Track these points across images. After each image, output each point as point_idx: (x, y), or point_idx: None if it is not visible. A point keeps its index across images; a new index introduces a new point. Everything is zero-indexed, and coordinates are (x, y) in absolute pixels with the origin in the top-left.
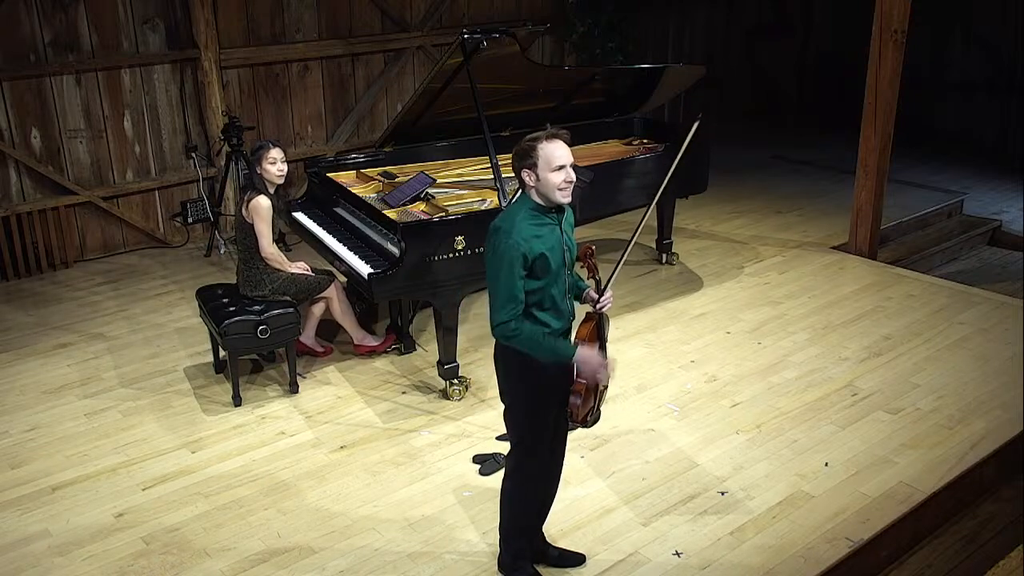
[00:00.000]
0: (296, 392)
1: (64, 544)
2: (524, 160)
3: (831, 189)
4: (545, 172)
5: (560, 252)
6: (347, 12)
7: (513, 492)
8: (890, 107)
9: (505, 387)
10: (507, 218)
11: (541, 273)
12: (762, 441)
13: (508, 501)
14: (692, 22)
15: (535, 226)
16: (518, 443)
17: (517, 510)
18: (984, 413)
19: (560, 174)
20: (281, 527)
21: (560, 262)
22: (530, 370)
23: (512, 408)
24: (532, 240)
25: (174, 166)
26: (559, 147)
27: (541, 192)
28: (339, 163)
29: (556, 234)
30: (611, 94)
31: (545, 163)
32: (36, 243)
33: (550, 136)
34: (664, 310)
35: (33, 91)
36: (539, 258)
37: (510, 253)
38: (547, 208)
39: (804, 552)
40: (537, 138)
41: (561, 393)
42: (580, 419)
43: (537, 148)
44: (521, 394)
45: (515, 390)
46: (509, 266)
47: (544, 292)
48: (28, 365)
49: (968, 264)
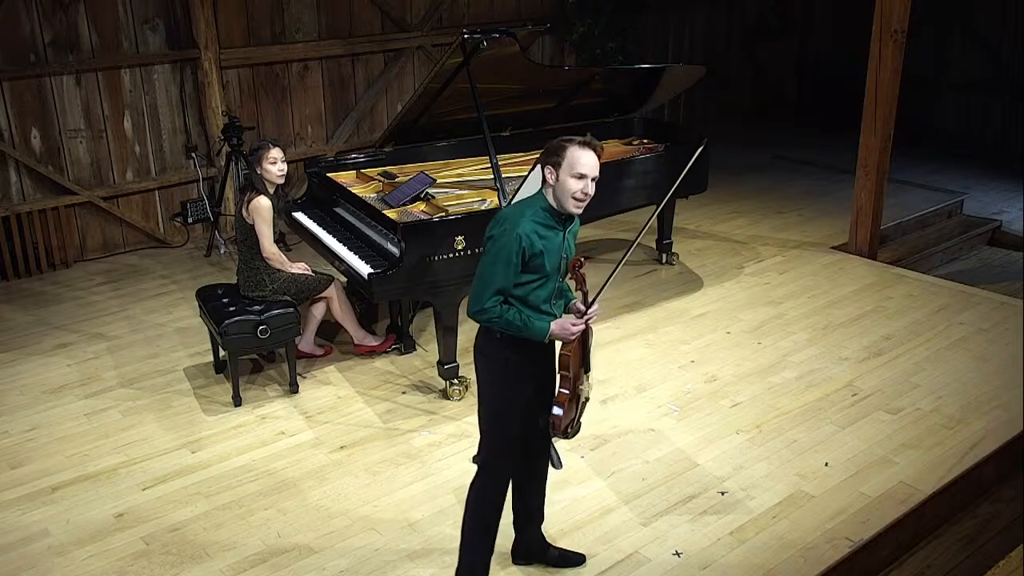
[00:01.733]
0: (296, 392)
1: (64, 544)
2: (551, 156)
3: (831, 189)
4: (566, 175)
5: (558, 257)
6: (347, 12)
7: (476, 498)
8: (890, 107)
9: (480, 388)
10: (516, 210)
11: (534, 271)
12: (762, 441)
13: (470, 506)
14: (692, 22)
15: (541, 226)
16: (485, 452)
17: (477, 518)
18: (984, 413)
19: (579, 182)
20: (281, 527)
21: (555, 266)
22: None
23: (485, 410)
24: (535, 235)
25: (174, 166)
26: (588, 155)
27: (556, 195)
28: (339, 163)
29: (559, 239)
30: (611, 94)
31: (568, 166)
32: (36, 243)
33: (584, 143)
34: (664, 310)
35: (33, 91)
36: (537, 255)
37: (511, 244)
38: (558, 212)
39: (804, 552)
40: (571, 139)
41: (538, 404)
42: (561, 430)
43: (567, 149)
44: (494, 394)
45: (488, 389)
46: (507, 256)
47: (532, 291)
48: (28, 365)
49: (968, 264)
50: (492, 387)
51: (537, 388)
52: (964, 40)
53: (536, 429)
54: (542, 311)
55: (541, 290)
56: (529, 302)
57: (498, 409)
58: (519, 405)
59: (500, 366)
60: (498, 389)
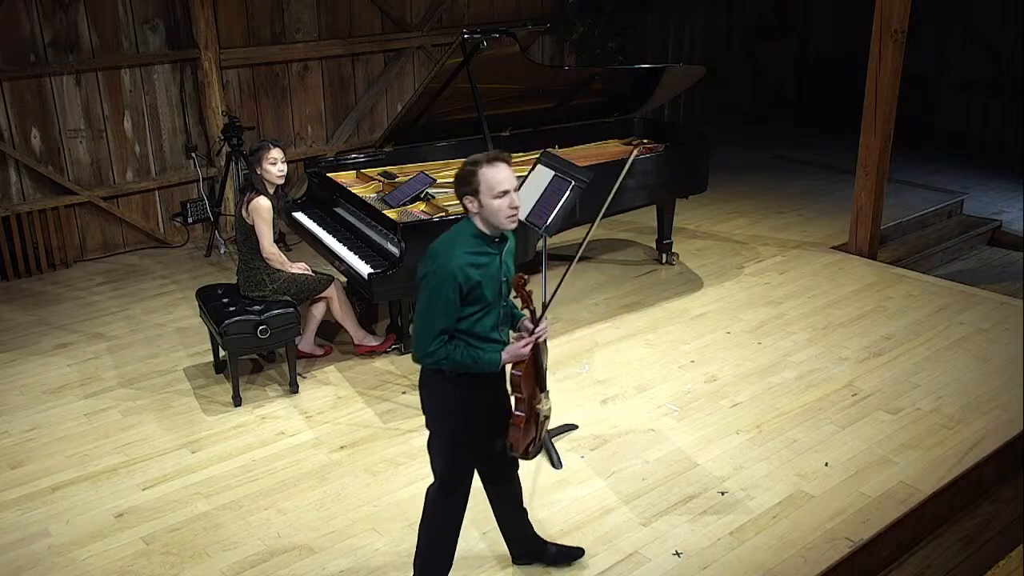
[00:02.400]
0: (296, 392)
1: (64, 544)
2: (465, 186)
3: (831, 189)
4: (488, 198)
5: (497, 283)
6: (347, 12)
7: (428, 529)
8: (890, 107)
9: (429, 420)
10: (445, 243)
11: (474, 303)
12: (762, 441)
13: (428, 531)
14: (692, 22)
15: (475, 254)
16: (439, 478)
17: (431, 547)
18: (984, 413)
19: (504, 200)
20: (281, 527)
21: (496, 293)
22: (457, 407)
23: (435, 441)
24: (469, 268)
25: (174, 166)
26: (501, 171)
27: (485, 219)
28: (339, 163)
29: (496, 264)
30: (611, 94)
31: (487, 188)
32: (36, 243)
33: (491, 160)
34: (664, 310)
35: (33, 91)
36: (475, 287)
37: (445, 279)
38: (490, 237)
39: (804, 552)
40: (477, 162)
41: (490, 431)
42: (521, 451)
43: (478, 173)
44: (446, 429)
45: (439, 424)
46: (444, 295)
47: (476, 322)
48: (28, 365)
49: (968, 264)
50: (443, 423)
51: (491, 417)
52: (964, 40)
53: (495, 456)
54: (491, 339)
55: (486, 319)
56: (476, 333)
57: (450, 444)
58: (474, 437)
59: (451, 405)
60: (449, 425)
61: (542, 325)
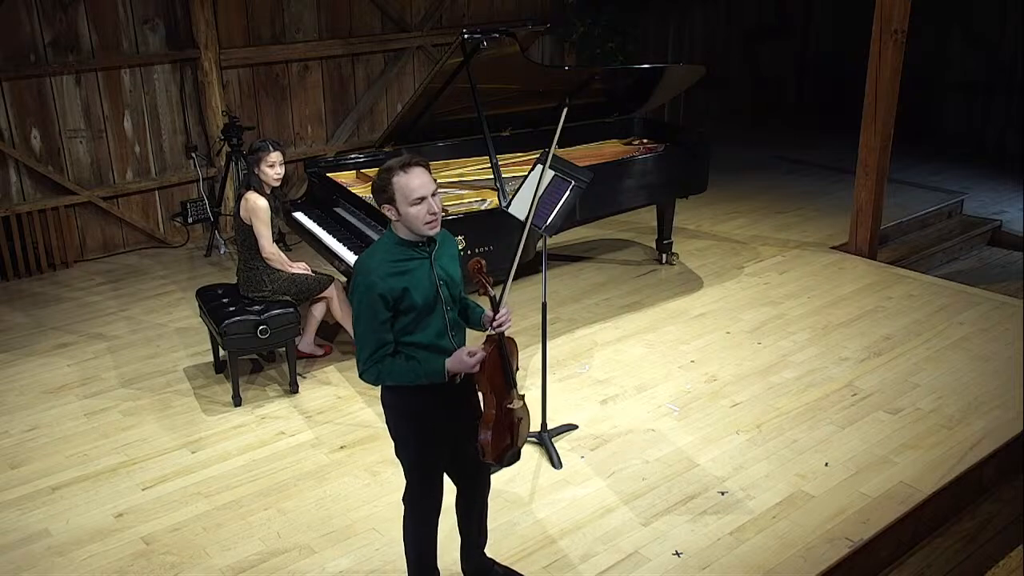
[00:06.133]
0: (296, 392)
1: (64, 544)
2: (381, 195)
3: (831, 189)
4: (405, 206)
5: (431, 288)
6: (347, 12)
7: (407, 535)
8: (890, 107)
9: (390, 431)
10: (367, 256)
11: (407, 311)
12: (762, 441)
13: (407, 543)
14: (692, 22)
15: (398, 262)
16: (407, 487)
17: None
18: (984, 413)
19: (422, 207)
20: (281, 527)
21: (430, 299)
22: (412, 418)
23: (399, 451)
24: (390, 278)
25: (174, 166)
26: (415, 177)
27: (406, 226)
28: (339, 163)
29: (425, 269)
30: (611, 94)
31: (403, 197)
32: (36, 243)
33: (405, 165)
34: (664, 310)
35: (33, 91)
36: (402, 295)
37: (368, 295)
38: (414, 242)
39: (804, 552)
40: (391, 169)
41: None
42: (495, 457)
43: (392, 181)
44: (408, 440)
45: (401, 436)
46: (370, 309)
47: (416, 331)
48: (28, 365)
49: (968, 264)
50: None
51: (450, 426)
52: (964, 40)
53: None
54: (439, 348)
55: (428, 327)
56: (421, 343)
57: (412, 456)
58: (435, 447)
59: (406, 416)
60: (408, 436)
61: (502, 311)
